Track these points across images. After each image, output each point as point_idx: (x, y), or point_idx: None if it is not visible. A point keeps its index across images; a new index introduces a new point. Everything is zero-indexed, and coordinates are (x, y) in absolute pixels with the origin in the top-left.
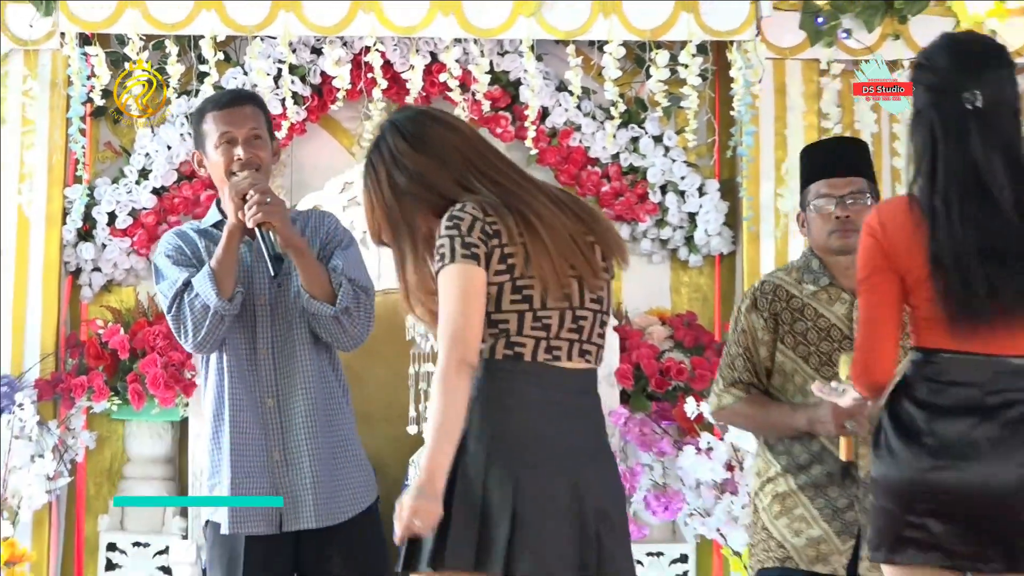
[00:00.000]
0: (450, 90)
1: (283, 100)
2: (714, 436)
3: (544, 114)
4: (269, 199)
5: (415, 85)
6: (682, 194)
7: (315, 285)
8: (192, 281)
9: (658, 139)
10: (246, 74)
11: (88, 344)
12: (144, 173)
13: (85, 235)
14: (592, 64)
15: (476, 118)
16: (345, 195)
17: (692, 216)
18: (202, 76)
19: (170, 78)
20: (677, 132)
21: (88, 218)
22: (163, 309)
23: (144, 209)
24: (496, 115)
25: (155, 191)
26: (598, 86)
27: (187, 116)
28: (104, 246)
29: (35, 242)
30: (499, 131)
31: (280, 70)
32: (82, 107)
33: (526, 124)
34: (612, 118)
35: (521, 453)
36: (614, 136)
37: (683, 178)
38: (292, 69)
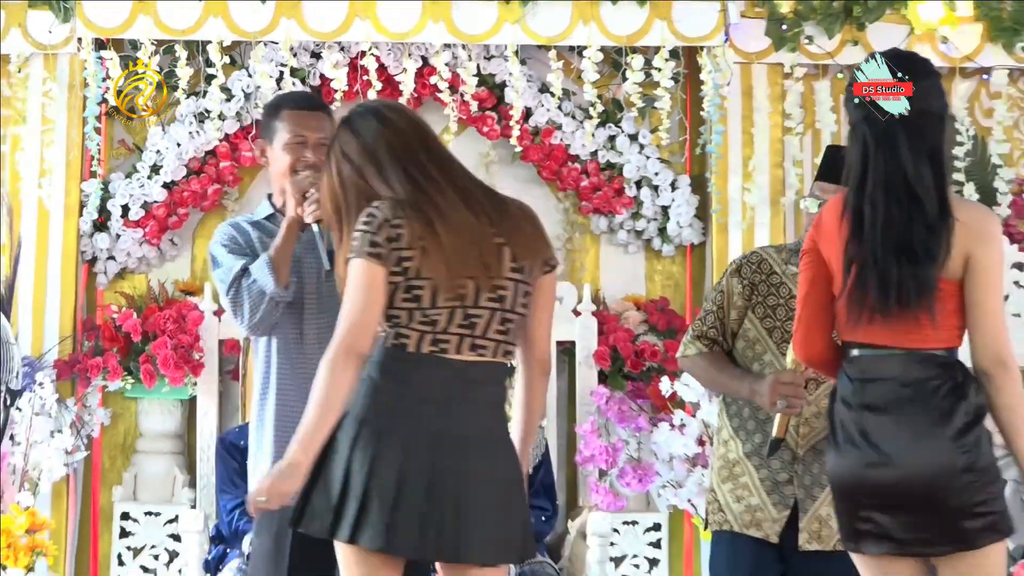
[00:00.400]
0: (440, 91)
1: None
2: (686, 413)
3: (528, 114)
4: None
5: (407, 87)
6: (656, 189)
7: None
8: (250, 268)
9: (633, 137)
10: (250, 76)
11: (103, 327)
12: (155, 168)
13: (100, 226)
14: (572, 68)
15: (464, 117)
16: None
17: (665, 209)
18: (209, 78)
19: (179, 80)
20: (651, 131)
21: (103, 210)
22: (220, 293)
23: (155, 202)
24: (483, 115)
25: (165, 185)
26: (578, 88)
27: (196, 115)
28: (118, 236)
29: (54, 233)
30: (486, 130)
31: (282, 73)
32: (97, 107)
33: (511, 123)
34: (591, 118)
35: (387, 433)
36: (593, 135)
37: (657, 174)
38: (293, 72)
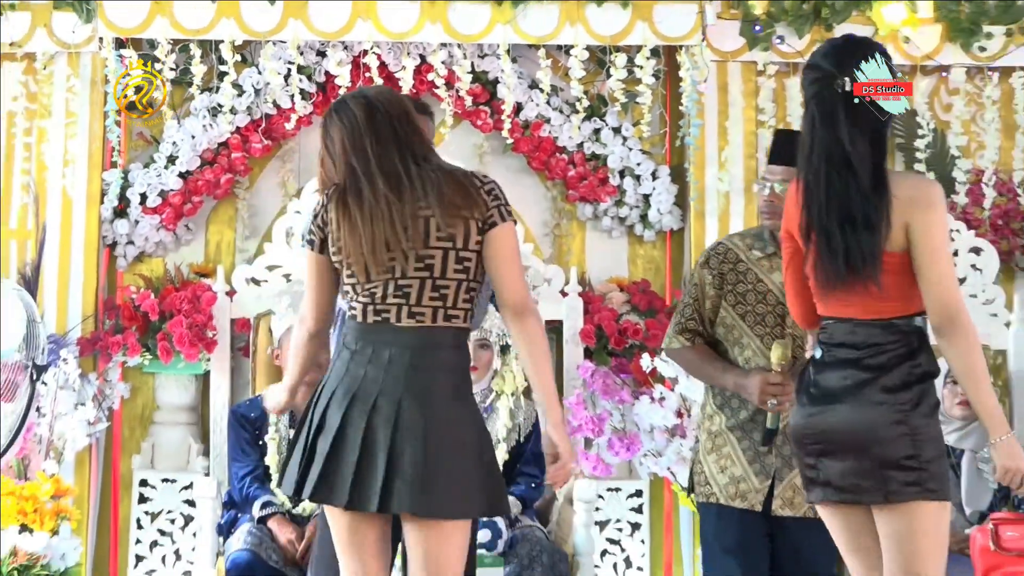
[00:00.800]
0: (437, 88)
1: (292, 96)
2: (665, 387)
3: (518, 108)
4: None
5: (406, 83)
6: (638, 178)
7: None
8: None
9: (617, 130)
10: (260, 73)
11: (123, 307)
12: (172, 159)
13: (120, 213)
14: (560, 65)
15: (459, 112)
16: None
17: (646, 197)
18: (222, 75)
19: (194, 77)
20: (633, 124)
21: (123, 198)
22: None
23: (171, 190)
24: (477, 109)
25: (181, 175)
26: (565, 84)
27: (209, 110)
28: (137, 222)
29: (77, 219)
30: (479, 123)
31: (289, 70)
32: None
33: (503, 117)
34: (577, 112)
35: (335, 396)
36: (579, 128)
37: (639, 164)
38: (300, 69)
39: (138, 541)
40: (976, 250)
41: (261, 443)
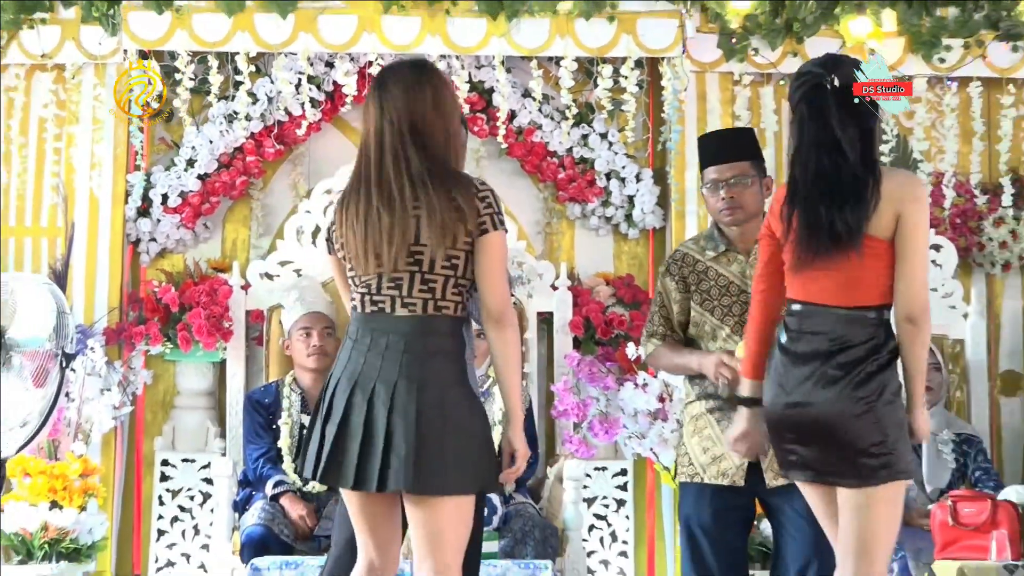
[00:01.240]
0: None
1: (303, 104)
2: (648, 374)
3: (512, 116)
4: None
5: None
6: (623, 180)
7: None
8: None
9: (604, 136)
10: (273, 83)
11: (146, 300)
12: (191, 162)
13: (143, 212)
14: (551, 75)
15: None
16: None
17: (631, 198)
18: (237, 85)
19: (212, 86)
20: (619, 130)
21: (145, 198)
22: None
23: (191, 191)
24: (474, 116)
25: (200, 177)
26: (555, 93)
27: (226, 116)
28: (159, 221)
29: (103, 218)
30: (476, 129)
31: (300, 80)
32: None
33: (498, 124)
34: (567, 119)
35: (339, 381)
36: (568, 133)
37: (623, 167)
38: (310, 79)
39: (160, 516)
40: (936, 247)
41: (274, 427)
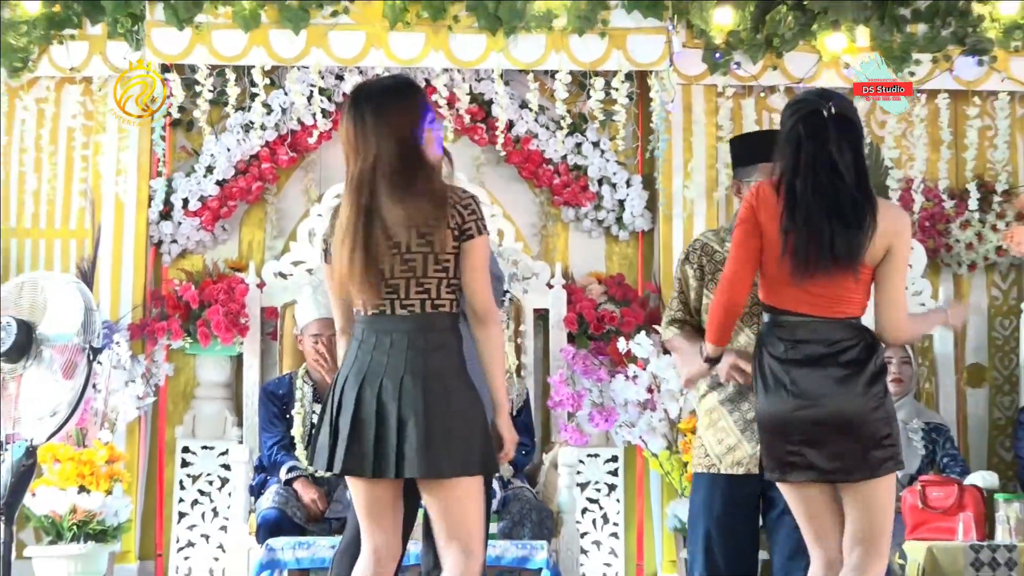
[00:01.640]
0: (440, 107)
1: (314, 114)
2: (638, 367)
3: (510, 125)
4: None
5: None
6: (614, 186)
7: None
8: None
9: (596, 144)
10: (286, 95)
11: (167, 297)
12: (210, 169)
13: (165, 216)
14: (546, 88)
15: (459, 128)
16: None
17: (621, 202)
18: (253, 96)
19: (229, 97)
20: (610, 139)
21: (168, 203)
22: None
23: (210, 196)
24: (474, 126)
25: (218, 183)
26: (551, 104)
27: (242, 126)
28: (180, 224)
29: (128, 221)
30: (476, 138)
31: (312, 92)
32: (163, 119)
33: (497, 133)
34: (561, 128)
35: (348, 380)
36: (563, 142)
37: (614, 174)
38: (321, 91)
39: (181, 500)
40: None
41: (288, 416)
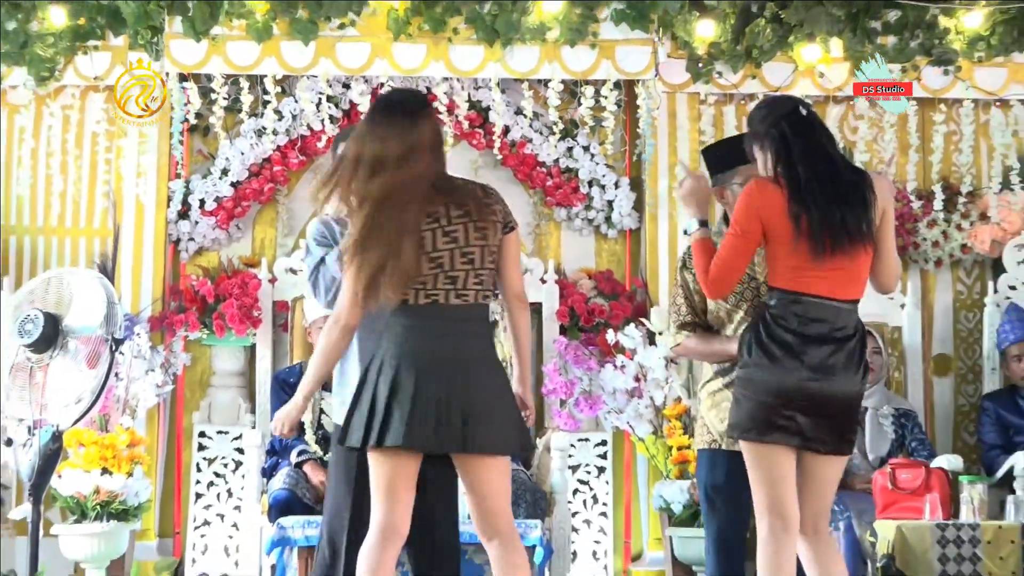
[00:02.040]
0: (440, 113)
1: (323, 120)
2: (626, 357)
3: (506, 131)
4: None
5: None
6: (603, 187)
7: None
8: (325, 259)
9: (586, 148)
10: (296, 102)
11: (185, 292)
12: (225, 171)
13: (183, 215)
14: (540, 95)
15: (458, 133)
16: None
17: (610, 203)
18: (266, 103)
19: (243, 104)
20: (600, 144)
21: (185, 203)
22: (306, 276)
23: (225, 197)
24: (472, 131)
25: (232, 184)
26: (544, 111)
27: (255, 131)
28: (196, 223)
29: (148, 220)
30: (474, 142)
31: (320, 99)
32: (181, 124)
33: (494, 138)
34: (554, 134)
35: (400, 362)
36: (555, 146)
37: (604, 176)
38: (329, 99)
39: (197, 482)
40: None
41: None
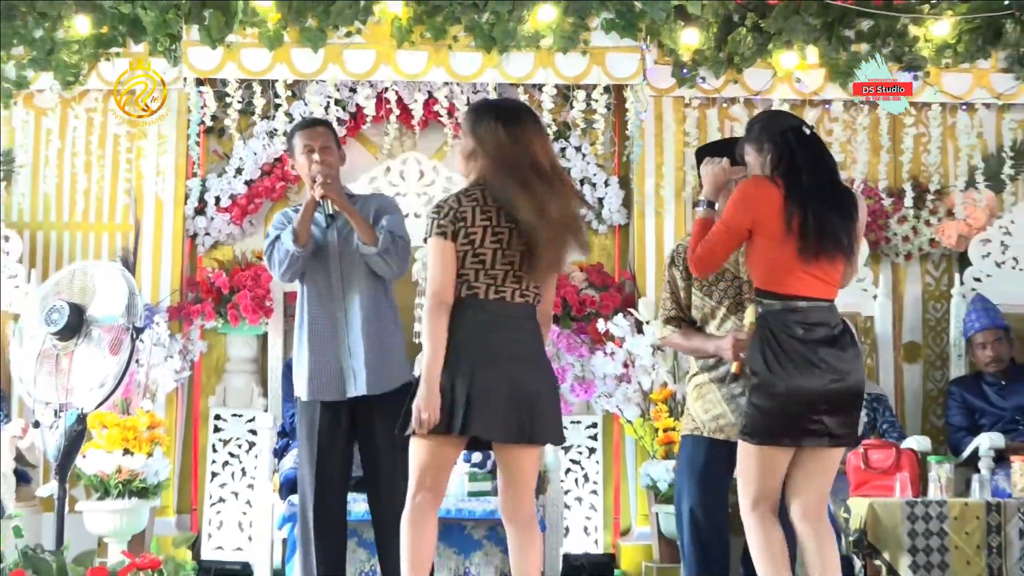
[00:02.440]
0: (440, 116)
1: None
2: (616, 345)
3: None
4: (329, 180)
5: (417, 113)
6: (594, 185)
7: (364, 235)
8: (280, 235)
9: (578, 149)
10: (306, 105)
11: (201, 283)
12: (239, 170)
13: (200, 211)
14: (535, 99)
15: (458, 136)
16: (371, 186)
17: (600, 200)
18: (277, 106)
19: (256, 107)
20: (591, 145)
21: (201, 200)
22: (264, 252)
23: (239, 194)
24: None
25: (246, 183)
26: (539, 114)
27: (267, 133)
28: (212, 219)
29: (166, 216)
30: None
31: (329, 102)
32: (197, 126)
33: None
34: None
35: (475, 356)
36: None
37: (594, 175)
38: (337, 102)
39: (213, 461)
40: None
41: None
